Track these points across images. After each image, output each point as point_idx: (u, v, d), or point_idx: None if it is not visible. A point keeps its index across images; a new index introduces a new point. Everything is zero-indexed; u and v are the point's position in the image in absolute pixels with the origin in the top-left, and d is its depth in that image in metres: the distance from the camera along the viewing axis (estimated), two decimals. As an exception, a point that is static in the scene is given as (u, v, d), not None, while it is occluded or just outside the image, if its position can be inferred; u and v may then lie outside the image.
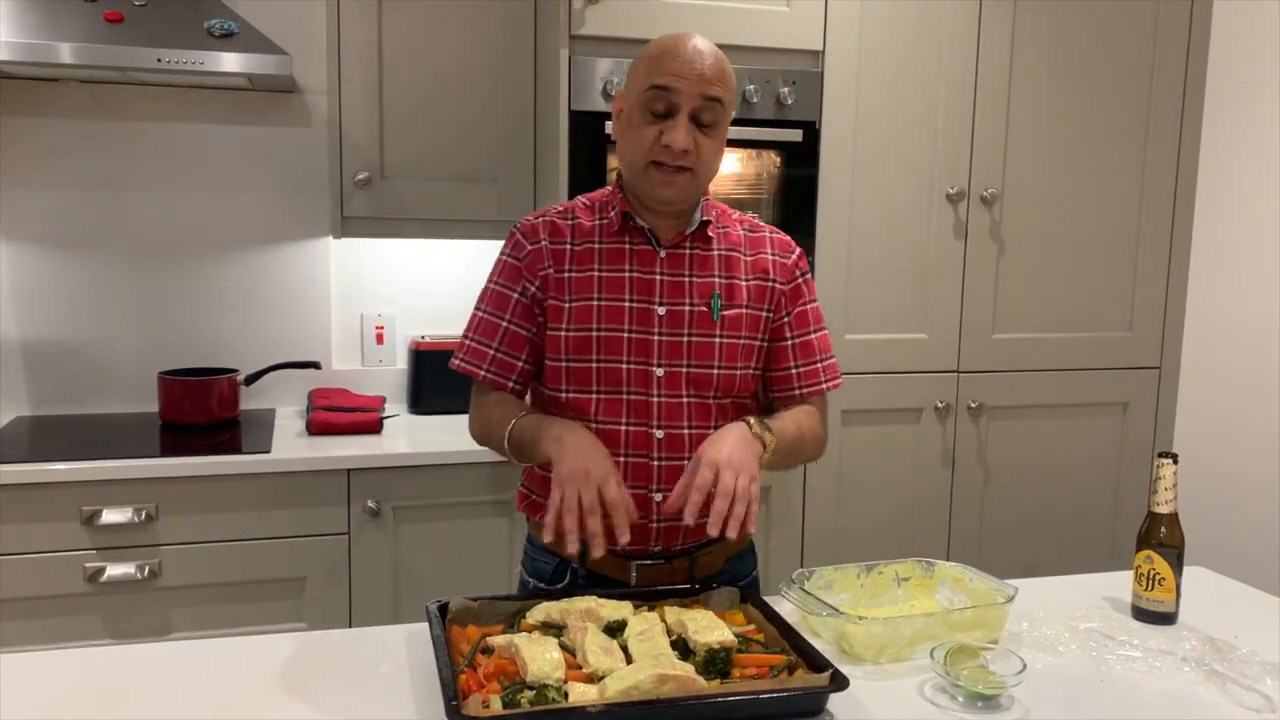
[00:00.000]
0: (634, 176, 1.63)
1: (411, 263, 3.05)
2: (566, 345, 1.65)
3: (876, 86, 2.69)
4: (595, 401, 1.64)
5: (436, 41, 2.69)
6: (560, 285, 1.66)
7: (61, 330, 2.83)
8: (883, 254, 2.75)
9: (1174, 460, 1.63)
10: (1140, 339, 2.99)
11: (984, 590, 1.59)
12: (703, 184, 1.64)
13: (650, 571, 1.66)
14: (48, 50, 2.33)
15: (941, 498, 2.89)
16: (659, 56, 1.58)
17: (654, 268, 1.65)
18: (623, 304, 1.64)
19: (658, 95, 1.56)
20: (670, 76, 1.56)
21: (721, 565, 1.73)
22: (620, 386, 1.64)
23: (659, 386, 1.64)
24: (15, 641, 2.30)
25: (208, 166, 2.88)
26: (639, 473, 1.64)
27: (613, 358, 1.64)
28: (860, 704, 1.32)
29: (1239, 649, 1.53)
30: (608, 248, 1.67)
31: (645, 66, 1.59)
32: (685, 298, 1.65)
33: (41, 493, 2.30)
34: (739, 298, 1.68)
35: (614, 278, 1.65)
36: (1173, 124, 2.94)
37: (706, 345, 1.65)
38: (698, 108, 1.57)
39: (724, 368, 1.66)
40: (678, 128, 1.56)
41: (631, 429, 1.64)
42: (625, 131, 1.63)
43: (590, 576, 1.67)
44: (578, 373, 1.65)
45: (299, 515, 2.45)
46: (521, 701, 1.22)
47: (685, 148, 1.56)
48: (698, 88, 1.56)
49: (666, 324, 1.64)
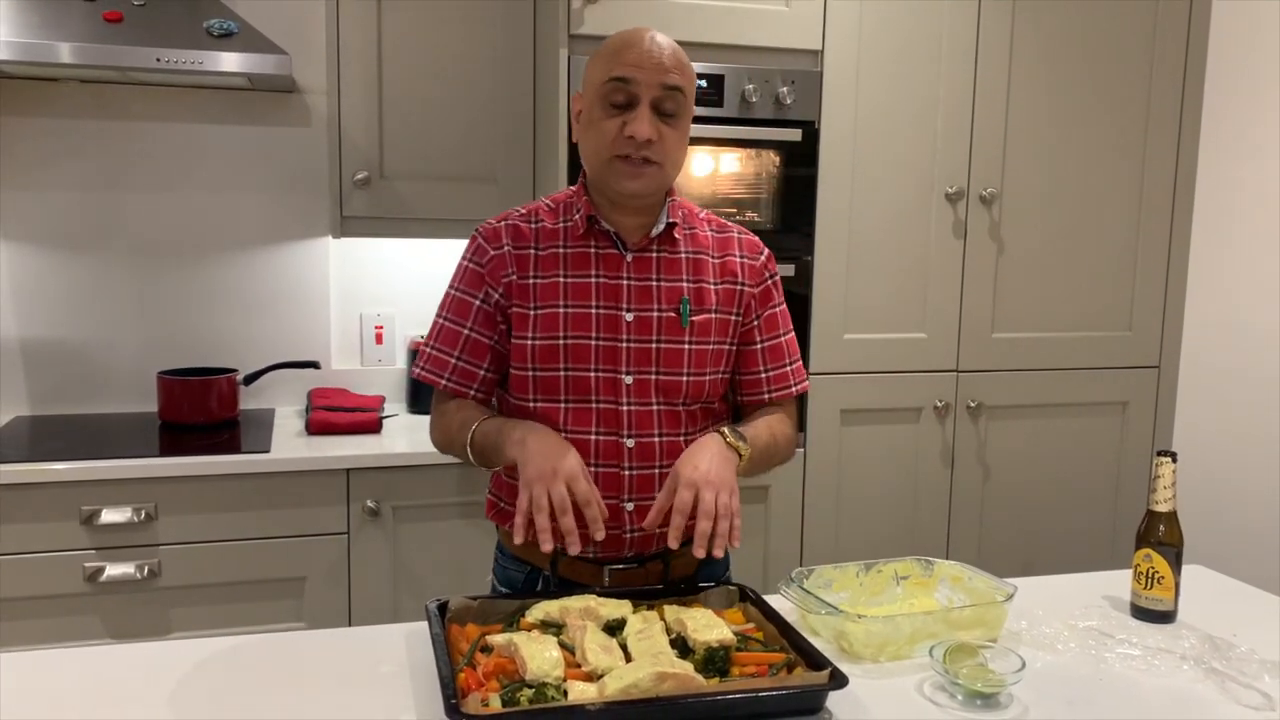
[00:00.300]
0: (599, 172, 1.60)
1: (411, 262, 3.05)
2: (533, 354, 1.62)
3: (876, 86, 2.69)
4: (564, 411, 1.62)
5: (436, 41, 2.69)
6: (525, 292, 1.63)
7: (61, 330, 2.83)
8: (882, 253, 2.75)
9: (1173, 459, 1.63)
10: (1139, 338, 3.00)
11: (983, 589, 1.60)
12: (669, 177, 1.62)
13: (623, 575, 1.65)
14: (47, 50, 2.33)
15: (941, 497, 2.89)
16: (616, 50, 1.57)
17: (620, 272, 1.63)
18: (589, 310, 1.61)
19: (617, 87, 1.55)
20: (629, 67, 1.54)
21: (696, 567, 1.70)
22: (589, 395, 1.62)
23: (628, 394, 1.62)
24: (15, 641, 2.30)
25: (207, 166, 2.88)
26: (610, 482, 1.61)
27: (580, 366, 1.61)
28: (859, 702, 1.32)
29: (1238, 647, 1.53)
30: (573, 252, 1.64)
31: (603, 61, 1.58)
32: (653, 303, 1.63)
33: (41, 492, 2.30)
34: (708, 302, 1.66)
35: (580, 284, 1.62)
36: (1172, 123, 2.94)
37: (675, 352, 1.63)
38: (658, 97, 1.55)
39: (693, 375, 1.64)
40: (640, 118, 1.54)
41: (602, 438, 1.62)
42: (587, 128, 1.60)
43: (563, 583, 1.64)
44: (545, 382, 1.62)
45: (298, 515, 2.45)
46: (521, 700, 1.22)
47: (649, 137, 1.54)
48: (657, 77, 1.54)
49: (635, 330, 1.62)
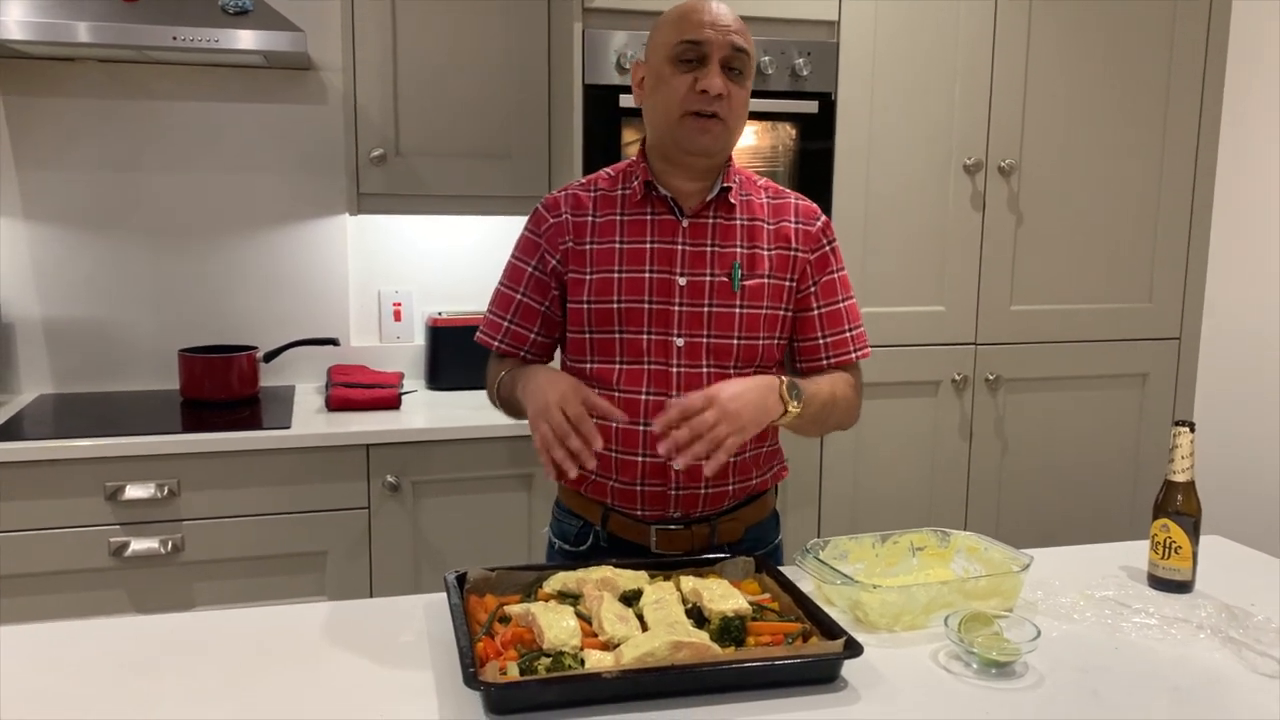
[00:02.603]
0: (666, 131, 1.63)
1: (428, 239, 3.06)
2: (589, 317, 1.67)
3: (892, 57, 2.67)
4: (617, 371, 1.66)
5: (450, 17, 2.68)
6: (581, 258, 1.67)
7: (82, 309, 2.85)
8: (900, 226, 2.74)
9: (1190, 429, 1.62)
10: (1160, 310, 2.97)
11: (999, 559, 1.60)
12: (734, 136, 1.66)
13: (669, 536, 1.68)
14: (65, 30, 2.35)
15: (959, 470, 2.88)
16: (684, 14, 1.61)
17: (676, 238, 1.66)
18: (643, 275, 1.65)
19: (689, 48, 1.59)
20: (700, 28, 1.59)
21: (743, 533, 1.74)
22: (641, 357, 1.66)
23: (679, 356, 1.65)
24: (42, 615, 2.33)
25: (224, 144, 2.90)
26: (656, 441, 1.64)
27: (633, 329, 1.65)
28: (874, 670, 1.33)
29: (1255, 616, 1.52)
30: (629, 219, 1.68)
31: (671, 27, 1.62)
32: (706, 268, 1.66)
33: (65, 469, 2.33)
34: (761, 267, 1.68)
35: (635, 249, 1.66)
36: (1194, 91, 2.90)
37: (727, 315, 1.65)
38: (728, 56, 1.60)
39: (744, 338, 1.66)
40: (711, 73, 1.59)
41: (651, 398, 1.65)
42: (655, 89, 1.64)
43: (611, 540, 1.71)
44: (600, 344, 1.67)
45: (319, 490, 2.47)
46: (538, 668, 1.23)
47: (721, 91, 1.58)
48: (726, 37, 1.59)
49: (687, 294, 1.65)
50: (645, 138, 1.71)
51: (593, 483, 1.71)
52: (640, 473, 1.67)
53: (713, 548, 1.69)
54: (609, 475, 1.69)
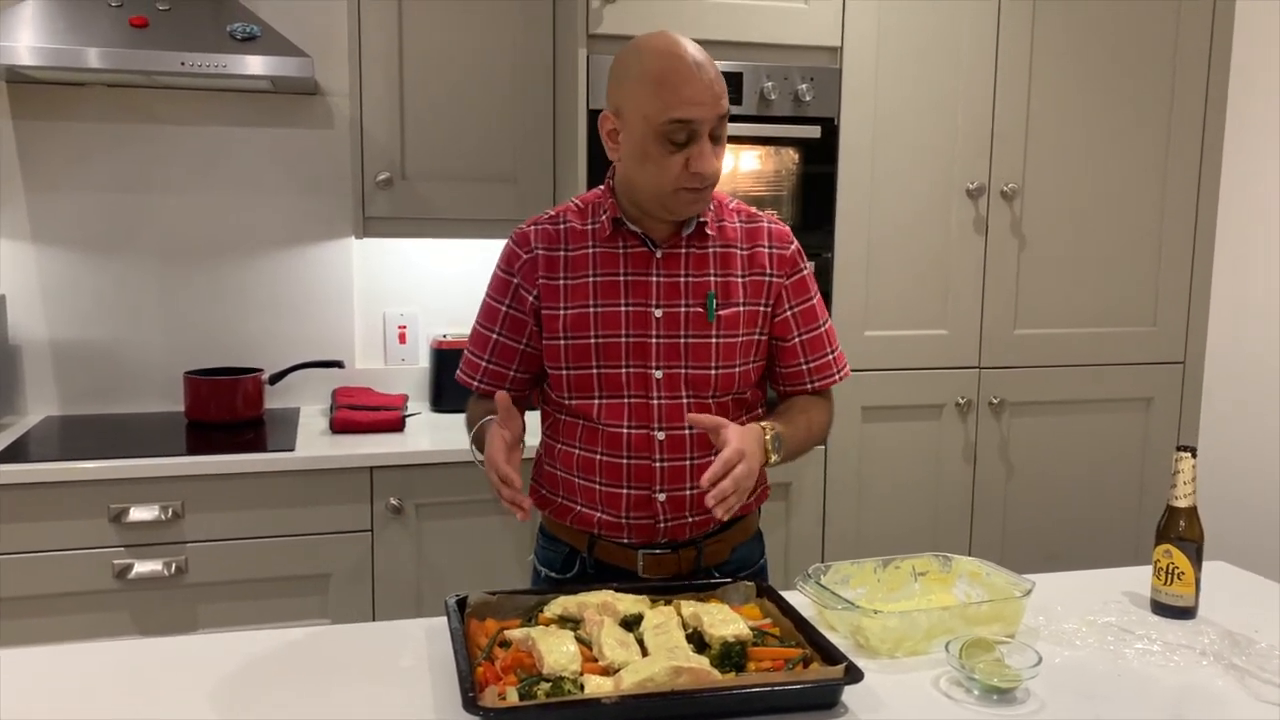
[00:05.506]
0: (654, 199, 1.59)
1: (433, 262, 3.07)
2: (566, 354, 1.66)
3: (895, 82, 2.69)
4: (598, 406, 1.66)
5: (456, 42, 2.71)
6: (554, 293, 1.66)
7: (89, 331, 2.87)
8: (903, 250, 2.75)
9: (1193, 454, 1.62)
10: (1164, 334, 2.97)
11: (1001, 584, 1.59)
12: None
13: (656, 560, 1.69)
14: (75, 55, 2.37)
15: (964, 494, 2.88)
16: (669, 84, 1.51)
17: (650, 269, 1.65)
18: (619, 309, 1.64)
19: (679, 128, 1.52)
20: (691, 107, 1.51)
21: (728, 554, 1.75)
22: (621, 390, 1.65)
23: (659, 389, 1.65)
24: (46, 637, 2.33)
25: (231, 168, 2.92)
26: (642, 474, 1.65)
27: (612, 363, 1.65)
28: (875, 696, 1.33)
29: (1258, 643, 1.52)
30: (601, 251, 1.66)
31: (653, 97, 1.52)
32: (681, 298, 1.65)
33: (70, 491, 2.33)
34: (735, 295, 1.67)
35: (609, 282, 1.65)
36: (1196, 116, 2.91)
37: (703, 346, 1.65)
38: (714, 126, 1.55)
39: (721, 367, 1.66)
40: (704, 155, 1.54)
41: (633, 431, 1.65)
42: (642, 162, 1.56)
43: (598, 566, 1.71)
44: (578, 380, 1.66)
45: (323, 513, 2.48)
46: (538, 693, 1.23)
47: (717, 170, 1.57)
48: (715, 111, 1.54)
49: (664, 326, 1.65)
50: (614, 171, 1.67)
51: (579, 514, 1.71)
52: (626, 505, 1.67)
53: (699, 570, 1.69)
54: (595, 507, 1.69)
